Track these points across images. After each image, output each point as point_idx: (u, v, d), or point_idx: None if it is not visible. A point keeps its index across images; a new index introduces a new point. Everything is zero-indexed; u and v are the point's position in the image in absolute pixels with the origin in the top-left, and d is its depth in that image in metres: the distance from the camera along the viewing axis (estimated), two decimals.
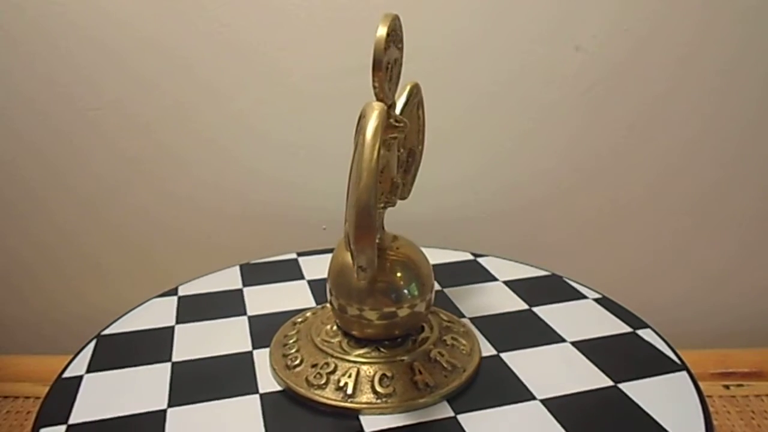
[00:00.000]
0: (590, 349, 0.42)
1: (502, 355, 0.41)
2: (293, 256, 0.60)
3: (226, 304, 0.50)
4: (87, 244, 0.75)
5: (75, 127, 0.70)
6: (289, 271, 0.56)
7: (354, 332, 0.39)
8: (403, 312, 0.38)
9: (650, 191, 0.72)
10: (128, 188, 0.73)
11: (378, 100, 0.34)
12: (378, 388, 0.36)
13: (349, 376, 0.37)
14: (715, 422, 0.35)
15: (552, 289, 0.52)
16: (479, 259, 0.58)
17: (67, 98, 0.68)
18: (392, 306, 0.37)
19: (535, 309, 0.48)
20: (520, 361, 0.41)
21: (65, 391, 0.39)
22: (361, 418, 0.35)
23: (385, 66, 0.32)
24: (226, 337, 0.45)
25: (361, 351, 0.39)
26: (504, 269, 0.56)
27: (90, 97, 0.68)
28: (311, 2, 0.65)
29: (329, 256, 0.47)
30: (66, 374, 0.40)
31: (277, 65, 0.67)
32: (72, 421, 0.36)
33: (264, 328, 0.45)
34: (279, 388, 0.38)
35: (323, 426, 0.35)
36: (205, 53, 0.67)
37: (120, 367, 0.41)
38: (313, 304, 0.50)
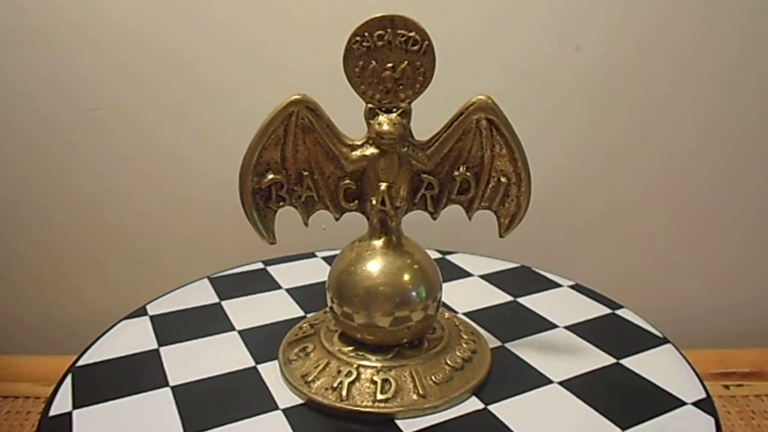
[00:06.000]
0: (583, 331, 0.45)
1: (507, 345, 0.43)
2: (260, 265, 0.58)
3: (208, 321, 0.47)
4: (87, 244, 0.75)
5: (75, 127, 0.69)
6: (262, 282, 0.54)
7: (360, 339, 0.38)
8: (416, 316, 0.37)
9: (653, 194, 0.72)
10: (128, 189, 0.72)
11: (367, 103, 0.35)
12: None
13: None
14: None
15: (527, 279, 0.54)
16: (447, 257, 0.59)
17: (66, 99, 0.68)
18: (403, 310, 0.37)
19: (520, 299, 0.50)
20: (526, 350, 0.42)
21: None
22: (397, 421, 0.35)
23: (360, 67, 0.34)
24: (220, 354, 0.42)
25: (383, 356, 0.38)
26: (474, 264, 0.57)
27: (89, 97, 0.68)
28: (312, 2, 0.64)
29: (297, 263, 0.46)
30: (52, 412, 0.36)
31: (277, 65, 0.67)
32: None
33: (260, 342, 0.44)
34: (299, 402, 0.37)
35: None
36: (206, 54, 0.67)
37: (112, 398, 0.37)
38: (300, 312, 0.48)
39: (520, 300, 0.50)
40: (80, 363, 0.41)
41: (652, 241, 0.74)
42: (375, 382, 0.36)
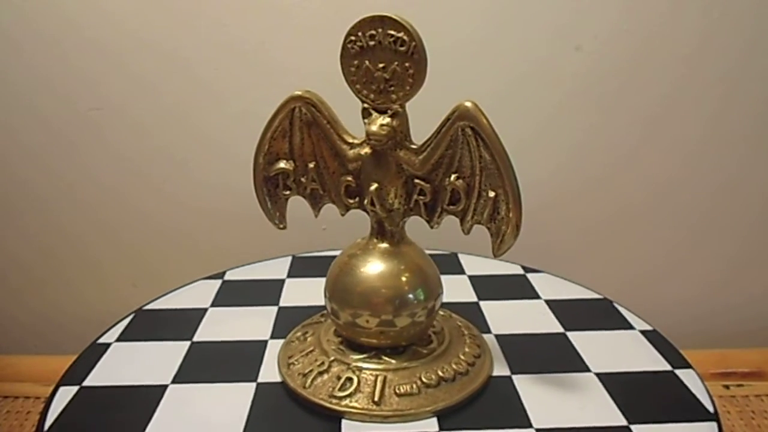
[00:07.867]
0: (615, 383, 0.38)
1: (514, 377, 0.39)
2: None
3: (265, 293, 0.51)
4: (87, 245, 0.75)
5: (74, 128, 0.69)
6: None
7: (349, 338, 0.38)
8: (401, 322, 0.36)
9: (653, 194, 0.72)
10: (128, 190, 0.72)
11: (362, 102, 0.35)
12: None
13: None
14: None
15: (598, 314, 0.48)
16: (529, 275, 0.55)
17: (66, 99, 0.68)
18: (387, 314, 0.36)
19: (570, 333, 0.45)
20: (531, 386, 0.38)
21: (92, 355, 0.42)
22: (343, 422, 0.35)
23: (355, 66, 0.34)
24: (251, 324, 0.46)
25: (361, 356, 0.38)
26: (551, 287, 0.52)
27: (89, 97, 0.68)
28: (311, 2, 0.64)
29: None
30: (101, 340, 0.44)
31: (277, 65, 0.67)
32: (86, 383, 0.39)
33: (289, 320, 0.46)
34: (277, 380, 0.38)
35: (304, 424, 0.35)
36: (205, 54, 0.67)
37: (146, 339, 0.44)
38: None
39: (570, 334, 0.44)
40: (146, 307, 0.49)
41: (652, 242, 0.74)
42: (339, 378, 0.36)
